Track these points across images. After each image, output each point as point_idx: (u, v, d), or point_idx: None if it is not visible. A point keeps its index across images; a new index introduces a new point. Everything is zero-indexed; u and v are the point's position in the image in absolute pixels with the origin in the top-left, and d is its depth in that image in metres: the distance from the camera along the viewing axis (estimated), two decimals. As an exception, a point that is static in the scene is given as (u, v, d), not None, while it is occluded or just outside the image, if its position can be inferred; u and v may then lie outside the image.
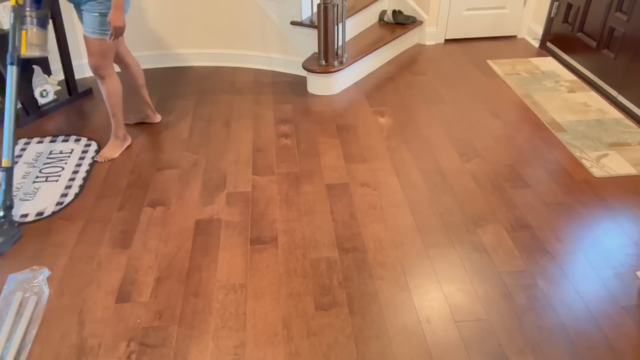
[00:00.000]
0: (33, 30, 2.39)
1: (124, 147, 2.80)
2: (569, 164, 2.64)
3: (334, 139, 2.89)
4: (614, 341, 1.73)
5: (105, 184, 2.54)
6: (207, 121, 3.10)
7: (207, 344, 1.74)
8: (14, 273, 2.02)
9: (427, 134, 2.93)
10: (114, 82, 2.62)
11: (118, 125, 2.75)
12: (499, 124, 3.01)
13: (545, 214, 2.30)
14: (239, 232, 2.22)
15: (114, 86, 2.62)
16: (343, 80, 3.47)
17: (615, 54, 3.23)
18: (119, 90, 2.65)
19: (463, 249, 2.12)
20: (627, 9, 3.13)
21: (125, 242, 2.19)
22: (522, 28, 4.21)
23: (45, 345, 1.75)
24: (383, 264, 2.05)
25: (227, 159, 2.73)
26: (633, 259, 2.06)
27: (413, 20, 4.01)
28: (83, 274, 2.03)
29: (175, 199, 2.44)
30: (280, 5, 3.48)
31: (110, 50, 2.51)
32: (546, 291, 1.92)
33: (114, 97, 2.65)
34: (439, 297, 1.91)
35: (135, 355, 1.71)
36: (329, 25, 3.22)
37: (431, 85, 3.48)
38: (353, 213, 2.33)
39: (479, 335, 1.76)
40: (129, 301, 1.91)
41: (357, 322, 1.81)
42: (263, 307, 1.87)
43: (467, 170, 2.61)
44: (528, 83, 3.47)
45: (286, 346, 1.73)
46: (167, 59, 3.84)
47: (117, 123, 2.73)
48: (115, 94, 2.64)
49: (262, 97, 3.38)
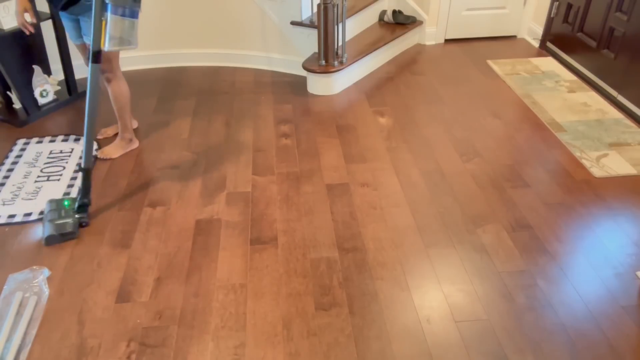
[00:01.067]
0: (116, 21, 2.02)
1: (127, 150, 2.79)
2: (569, 164, 2.64)
3: (334, 139, 2.89)
4: (614, 341, 1.73)
5: (105, 184, 2.54)
6: (207, 121, 3.10)
7: (207, 344, 1.74)
8: (14, 273, 2.02)
9: (427, 134, 2.93)
10: (121, 84, 2.60)
11: (125, 128, 2.74)
12: (499, 124, 3.01)
13: (545, 214, 2.30)
14: (239, 232, 2.22)
15: (121, 89, 2.60)
16: (343, 80, 3.47)
17: (615, 54, 3.23)
18: (126, 93, 2.63)
19: (463, 249, 2.12)
20: (627, 9, 3.13)
21: (125, 242, 2.19)
22: (522, 28, 4.20)
23: (45, 345, 1.75)
24: (383, 264, 2.05)
25: (227, 159, 2.73)
26: (633, 259, 2.06)
27: (413, 20, 4.01)
28: (83, 274, 2.03)
29: (175, 199, 2.44)
30: (280, 5, 3.48)
31: (115, 53, 2.50)
32: (546, 291, 1.92)
33: (120, 100, 2.63)
34: (439, 297, 1.91)
35: (135, 355, 1.71)
36: (329, 25, 3.22)
37: (431, 85, 3.48)
38: (353, 213, 2.33)
39: (479, 335, 1.76)
40: (129, 301, 1.91)
41: (357, 322, 1.81)
42: (263, 307, 1.87)
43: (467, 170, 2.61)
44: (528, 83, 3.47)
45: (286, 346, 1.73)
46: (167, 59, 3.84)
47: (123, 125, 2.72)
48: (122, 97, 2.62)
49: (262, 97, 3.38)
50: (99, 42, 2.07)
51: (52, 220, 2.19)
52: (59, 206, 2.26)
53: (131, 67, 3.79)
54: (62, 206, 2.26)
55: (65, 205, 2.27)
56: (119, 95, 2.61)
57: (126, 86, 2.63)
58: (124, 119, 2.70)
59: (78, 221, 2.23)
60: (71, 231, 2.18)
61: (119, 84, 2.59)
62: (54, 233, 2.15)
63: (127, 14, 2.05)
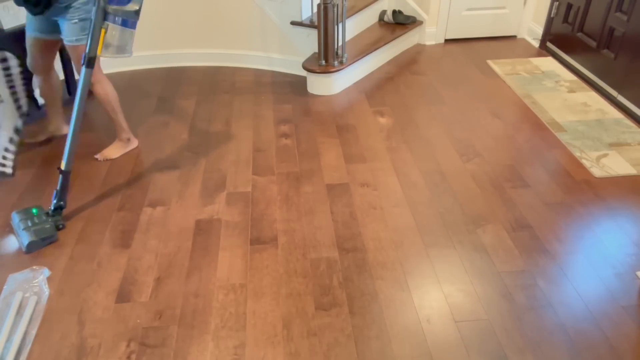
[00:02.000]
0: (115, 30, 2.10)
1: (126, 150, 2.79)
2: (569, 164, 2.64)
3: (334, 139, 2.89)
4: (614, 341, 1.73)
5: (105, 184, 2.55)
6: (207, 121, 3.10)
7: (207, 344, 1.74)
8: (14, 273, 2.02)
9: (427, 134, 2.93)
10: (105, 86, 2.56)
11: (120, 129, 2.72)
12: (499, 124, 3.02)
13: (545, 214, 2.30)
14: (239, 232, 2.23)
15: (106, 90, 2.56)
16: (343, 80, 3.47)
17: (615, 54, 3.23)
18: (112, 94, 2.59)
19: (463, 249, 2.12)
20: (627, 9, 3.13)
21: (125, 242, 2.19)
22: (522, 28, 4.21)
23: (45, 345, 1.75)
24: (383, 264, 2.05)
25: (227, 159, 2.73)
26: (633, 259, 2.06)
27: (413, 20, 4.01)
28: (83, 274, 2.03)
29: (175, 199, 2.44)
30: (280, 5, 3.48)
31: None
32: (546, 291, 1.92)
33: (109, 101, 2.59)
34: (439, 297, 1.91)
35: (135, 355, 1.71)
36: (329, 25, 3.22)
37: (431, 85, 3.48)
38: (353, 213, 2.33)
39: (479, 335, 1.76)
40: (129, 301, 1.91)
41: (357, 322, 1.81)
42: (263, 307, 1.88)
43: (467, 170, 2.61)
44: (528, 83, 3.47)
45: (286, 346, 1.73)
46: (167, 59, 3.84)
47: (118, 126, 2.71)
48: (110, 98, 2.59)
49: (262, 97, 3.38)
50: (96, 49, 2.11)
51: (28, 227, 2.14)
52: (27, 215, 2.20)
53: (131, 67, 3.80)
54: (31, 214, 2.20)
55: (34, 213, 2.21)
56: (105, 97, 2.57)
57: (111, 87, 2.59)
58: (117, 120, 2.68)
59: (55, 224, 2.21)
60: (51, 234, 2.16)
61: (103, 86, 2.54)
62: (35, 239, 2.11)
63: (129, 25, 2.13)
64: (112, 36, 2.11)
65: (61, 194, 2.25)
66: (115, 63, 3.71)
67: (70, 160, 2.24)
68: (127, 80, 3.63)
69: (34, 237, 2.12)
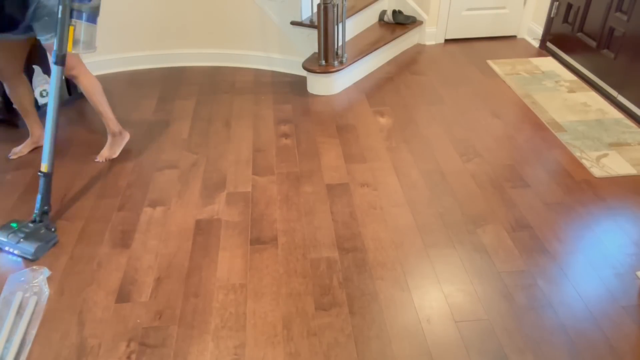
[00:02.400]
0: (82, 26, 2.17)
1: (123, 144, 2.77)
2: (569, 164, 2.64)
3: (334, 139, 2.89)
4: (614, 341, 1.73)
5: (105, 184, 2.55)
6: (207, 121, 3.10)
7: (207, 344, 1.74)
8: (14, 273, 2.02)
9: (427, 134, 2.93)
10: (89, 78, 2.53)
11: (108, 121, 2.68)
12: (499, 124, 3.01)
13: (545, 214, 2.30)
14: (239, 232, 2.22)
15: (91, 81, 2.53)
16: (343, 80, 3.47)
17: (615, 54, 3.23)
18: (97, 86, 2.56)
19: (463, 249, 2.12)
20: (627, 9, 3.13)
21: (125, 242, 2.19)
22: (522, 28, 4.21)
23: (45, 345, 1.75)
24: (383, 264, 2.05)
25: (227, 159, 2.73)
26: (633, 259, 2.06)
27: (413, 20, 4.01)
28: (83, 274, 2.03)
29: (175, 199, 2.44)
30: (280, 5, 3.48)
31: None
32: (546, 291, 1.92)
33: (94, 93, 2.56)
34: (439, 297, 1.91)
35: (135, 355, 1.71)
36: (329, 25, 3.22)
37: (431, 85, 3.48)
38: (353, 213, 2.33)
39: (479, 335, 1.76)
40: (129, 301, 1.91)
41: (357, 322, 1.81)
42: (263, 307, 1.87)
43: (467, 170, 2.61)
44: (528, 83, 3.47)
45: (286, 346, 1.73)
46: (167, 59, 3.84)
47: (106, 120, 2.66)
48: (95, 90, 2.56)
49: (262, 97, 3.38)
50: (65, 46, 2.15)
51: (26, 237, 2.10)
52: (12, 229, 2.13)
53: (131, 67, 3.80)
54: (15, 228, 2.14)
55: (14, 226, 2.15)
56: (90, 88, 2.54)
57: (94, 78, 2.56)
58: (105, 112, 2.63)
59: (47, 228, 2.18)
60: (52, 237, 2.15)
61: (86, 78, 2.51)
62: (40, 243, 2.09)
63: (92, 20, 2.22)
64: (80, 32, 2.18)
65: (46, 199, 2.21)
66: (115, 63, 3.71)
67: (51, 162, 2.22)
68: (127, 80, 3.63)
69: (38, 241, 2.10)
